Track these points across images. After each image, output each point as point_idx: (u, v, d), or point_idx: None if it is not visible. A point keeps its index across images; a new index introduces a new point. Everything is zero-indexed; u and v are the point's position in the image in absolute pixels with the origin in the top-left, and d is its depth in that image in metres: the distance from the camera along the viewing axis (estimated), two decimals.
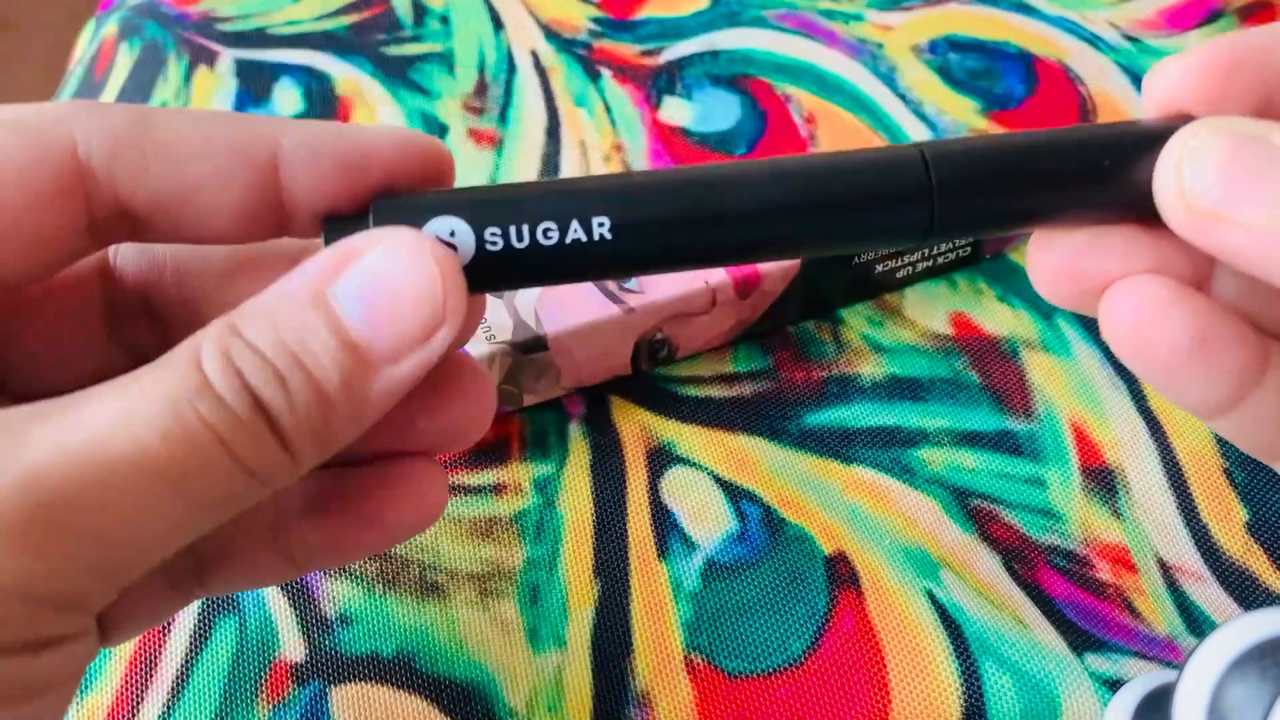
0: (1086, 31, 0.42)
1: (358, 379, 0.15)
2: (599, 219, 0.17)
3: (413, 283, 0.16)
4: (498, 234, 0.16)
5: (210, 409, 0.15)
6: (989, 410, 0.29)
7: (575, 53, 0.40)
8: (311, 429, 0.15)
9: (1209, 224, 0.16)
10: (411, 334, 0.16)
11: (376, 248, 0.16)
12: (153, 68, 0.39)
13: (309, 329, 0.15)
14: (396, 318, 0.16)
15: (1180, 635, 0.25)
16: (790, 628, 0.25)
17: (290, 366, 0.15)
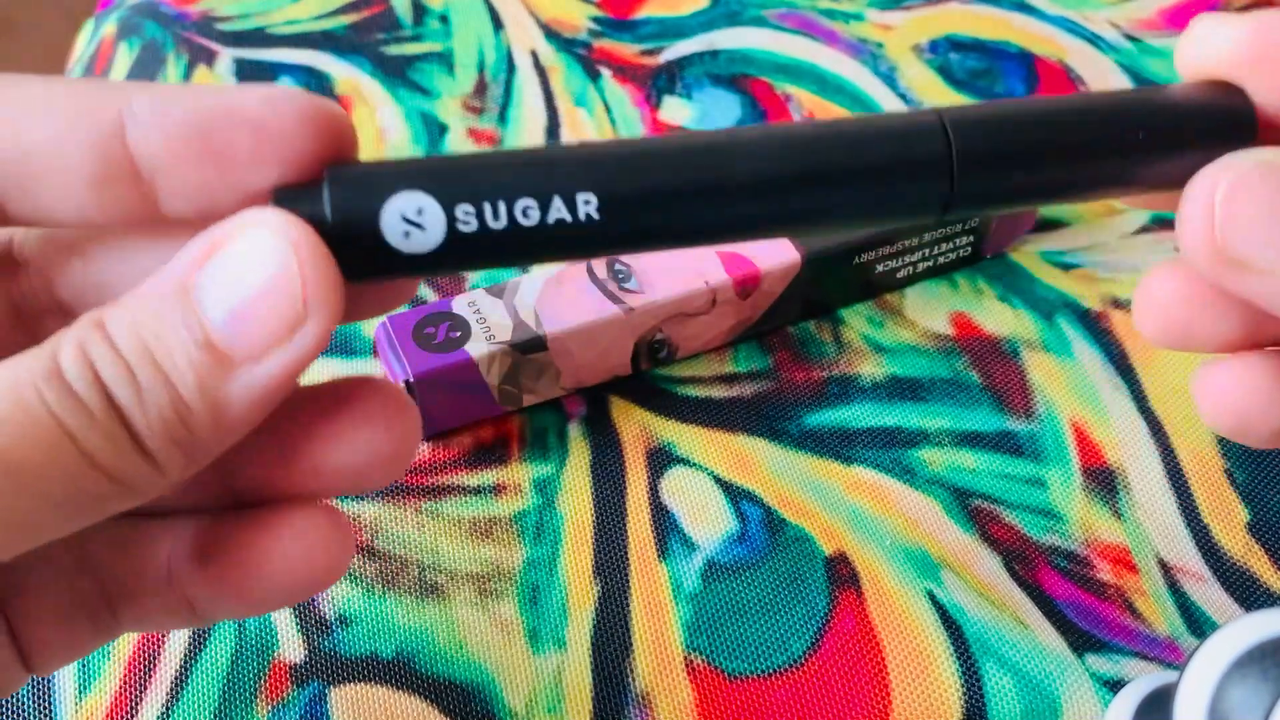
0: (1087, 31, 0.42)
1: (215, 378, 0.14)
2: (584, 195, 0.15)
3: (269, 272, 0.14)
4: (471, 213, 0.15)
5: (57, 399, 0.14)
6: (989, 410, 0.29)
7: (575, 52, 0.40)
8: (169, 433, 0.14)
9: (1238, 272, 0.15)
10: (271, 330, 0.14)
11: (239, 233, 0.14)
12: (152, 67, 0.39)
13: (167, 324, 0.14)
14: (255, 312, 0.14)
15: (1181, 636, 0.25)
16: (790, 628, 0.25)
17: (143, 363, 0.14)
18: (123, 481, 0.14)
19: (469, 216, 0.15)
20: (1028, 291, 0.32)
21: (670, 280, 0.28)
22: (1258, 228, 0.15)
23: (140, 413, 0.14)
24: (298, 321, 0.14)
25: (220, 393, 0.14)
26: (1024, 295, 0.32)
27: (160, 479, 0.15)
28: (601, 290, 0.28)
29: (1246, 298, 0.15)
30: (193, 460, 0.15)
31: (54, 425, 0.13)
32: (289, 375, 0.15)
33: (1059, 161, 0.16)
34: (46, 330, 0.17)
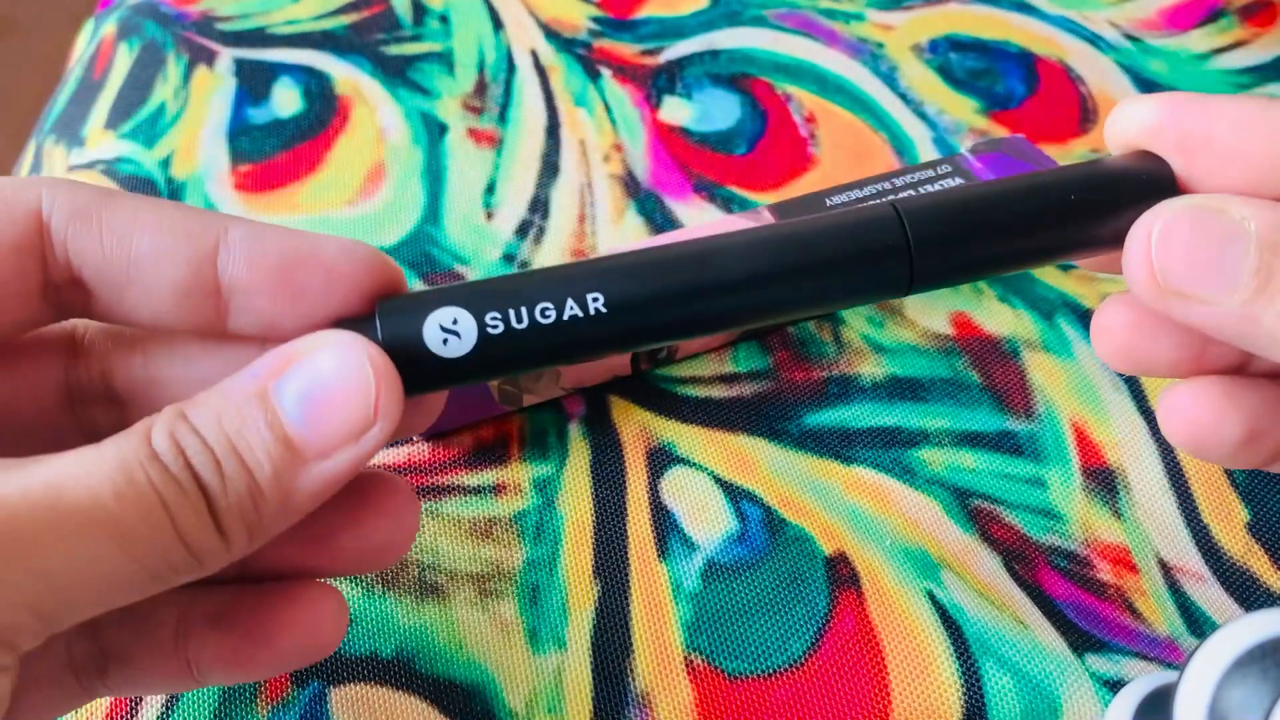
0: (1087, 31, 0.42)
1: (289, 470, 0.16)
2: (593, 295, 0.17)
3: (348, 382, 0.16)
4: (498, 318, 0.17)
5: (159, 477, 0.16)
6: (990, 410, 0.29)
7: (575, 52, 0.40)
8: (243, 515, 0.16)
9: (1178, 301, 0.17)
10: (344, 431, 0.16)
11: (320, 349, 0.17)
12: (151, 67, 0.39)
13: (248, 421, 0.16)
14: (330, 415, 0.16)
15: (1181, 636, 0.25)
16: (790, 628, 0.25)
17: (227, 453, 0.16)
18: (198, 555, 0.16)
19: (496, 321, 0.17)
20: (1028, 291, 0.32)
21: None
22: (1189, 260, 0.17)
23: (222, 494, 0.16)
24: (367, 425, 0.17)
25: (291, 483, 0.17)
26: (1024, 295, 0.32)
27: (226, 555, 0.17)
28: None
29: (1190, 325, 0.17)
30: (254, 540, 0.17)
31: (158, 501, 0.15)
32: (351, 472, 0.17)
33: (1006, 235, 0.18)
34: (95, 416, 0.20)
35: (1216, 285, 0.16)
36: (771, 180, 0.35)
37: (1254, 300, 0.16)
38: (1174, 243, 0.17)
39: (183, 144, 0.36)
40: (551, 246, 0.33)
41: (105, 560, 0.15)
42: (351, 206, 0.34)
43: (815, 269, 0.18)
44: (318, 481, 0.17)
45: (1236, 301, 0.16)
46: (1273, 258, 0.16)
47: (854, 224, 0.18)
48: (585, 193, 0.35)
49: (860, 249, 0.18)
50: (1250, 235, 0.16)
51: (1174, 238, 0.17)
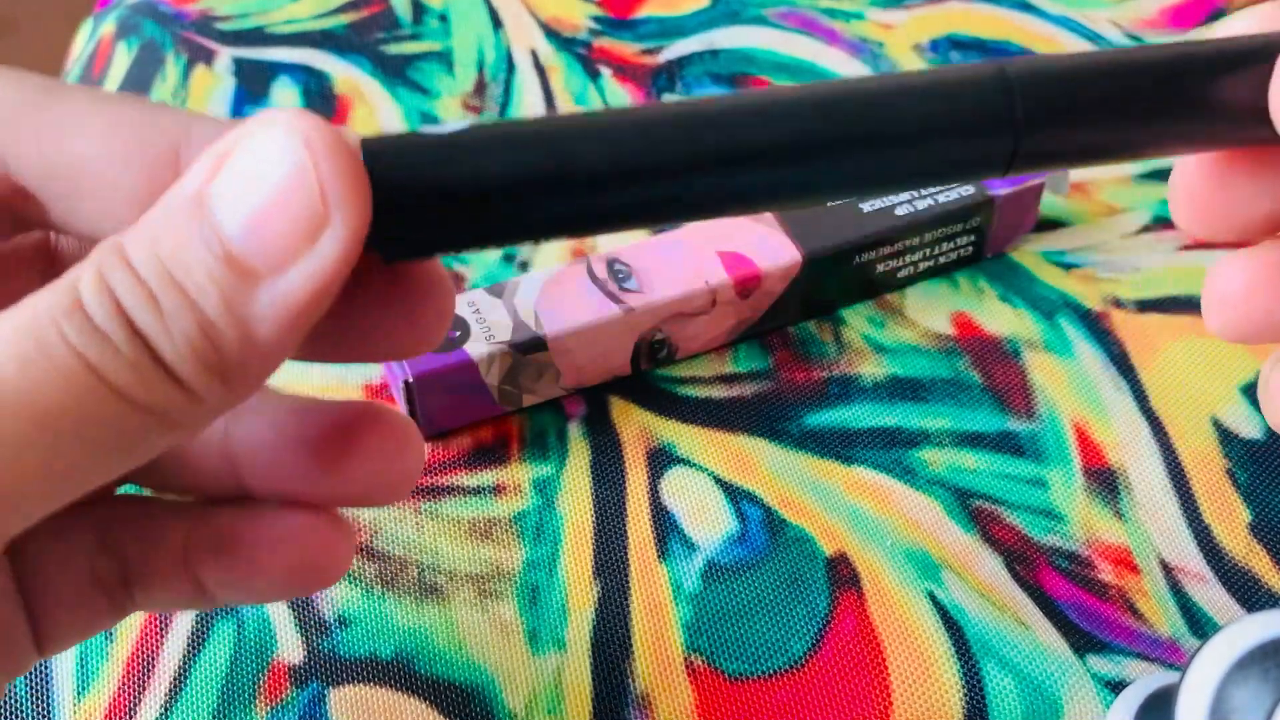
0: (1088, 30, 0.42)
1: (239, 295, 0.13)
2: None
3: (285, 172, 0.13)
4: None
5: (78, 334, 0.13)
6: (990, 411, 0.29)
7: (575, 51, 0.40)
8: (200, 357, 0.13)
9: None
10: (292, 235, 0.13)
11: (254, 135, 0.13)
12: (150, 66, 0.39)
13: (184, 240, 0.13)
14: (273, 218, 0.13)
15: (1182, 636, 0.25)
16: (791, 629, 0.25)
17: (164, 285, 0.13)
18: (158, 413, 0.14)
19: None
20: (1029, 291, 0.32)
21: (670, 280, 0.28)
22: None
23: (166, 338, 0.13)
24: (319, 224, 0.13)
25: (247, 310, 0.13)
26: (1025, 295, 0.32)
27: (199, 407, 0.14)
28: (601, 290, 0.28)
29: None
30: (231, 387, 0.14)
31: (78, 363, 0.13)
32: (318, 288, 0.13)
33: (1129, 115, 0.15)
34: None
35: None
36: None
37: None
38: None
39: None
40: (551, 246, 0.33)
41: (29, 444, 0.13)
42: None
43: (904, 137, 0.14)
44: (280, 305, 0.13)
45: None
46: None
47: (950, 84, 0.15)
48: None
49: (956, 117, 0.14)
50: None
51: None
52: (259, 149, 0.13)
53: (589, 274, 0.28)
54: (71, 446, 0.13)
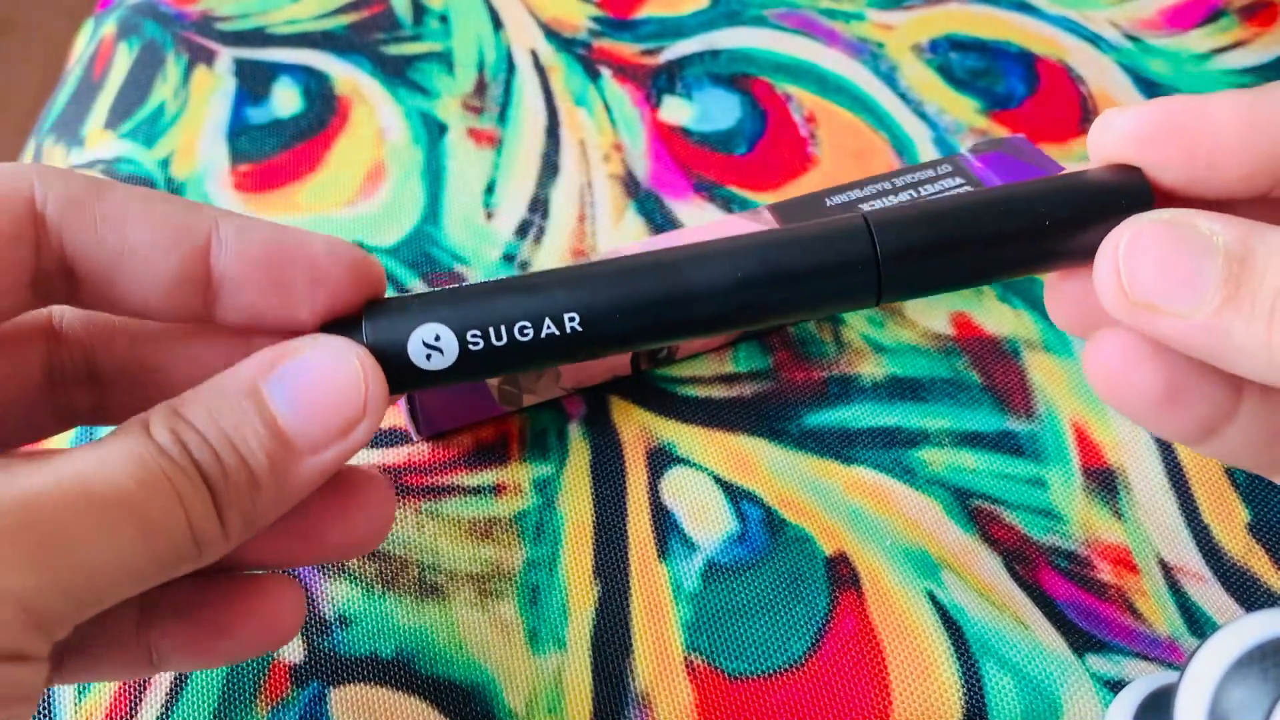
0: (1087, 31, 0.42)
1: (283, 464, 0.17)
2: (569, 314, 0.18)
3: (339, 380, 0.17)
4: (478, 335, 0.18)
5: (171, 468, 0.16)
6: (990, 411, 0.29)
7: (575, 52, 0.40)
8: (240, 506, 0.17)
9: (1148, 315, 0.17)
10: (335, 426, 0.17)
11: (311, 348, 0.18)
12: (151, 67, 0.39)
13: (243, 417, 0.17)
14: (323, 411, 0.17)
15: (1181, 636, 0.25)
16: (791, 629, 0.25)
17: (225, 448, 0.17)
18: (201, 544, 0.17)
19: (477, 339, 0.18)
20: (1028, 291, 0.32)
21: None
22: (1157, 272, 0.17)
23: (223, 485, 0.17)
24: (357, 420, 0.18)
25: (286, 475, 0.17)
26: (1024, 295, 0.32)
27: (224, 545, 0.17)
28: None
29: (1159, 339, 0.17)
30: (248, 530, 0.17)
31: (173, 490, 0.16)
32: (340, 465, 0.18)
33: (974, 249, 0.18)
34: (75, 398, 0.20)
35: (1184, 297, 0.16)
36: (772, 180, 0.35)
37: (1222, 311, 0.16)
38: (1142, 255, 0.17)
39: (182, 144, 0.36)
40: (551, 246, 0.33)
41: (128, 548, 0.16)
42: (351, 206, 0.34)
43: (785, 279, 0.18)
44: (310, 474, 0.18)
45: (1205, 313, 0.16)
46: (1240, 269, 0.16)
47: (824, 235, 0.18)
48: (585, 193, 0.35)
49: (830, 260, 0.18)
50: (1218, 248, 0.16)
51: (1142, 250, 0.17)
52: (320, 357, 0.18)
53: None
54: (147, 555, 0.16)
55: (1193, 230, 0.16)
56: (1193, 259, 0.16)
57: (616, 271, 0.18)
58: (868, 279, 0.18)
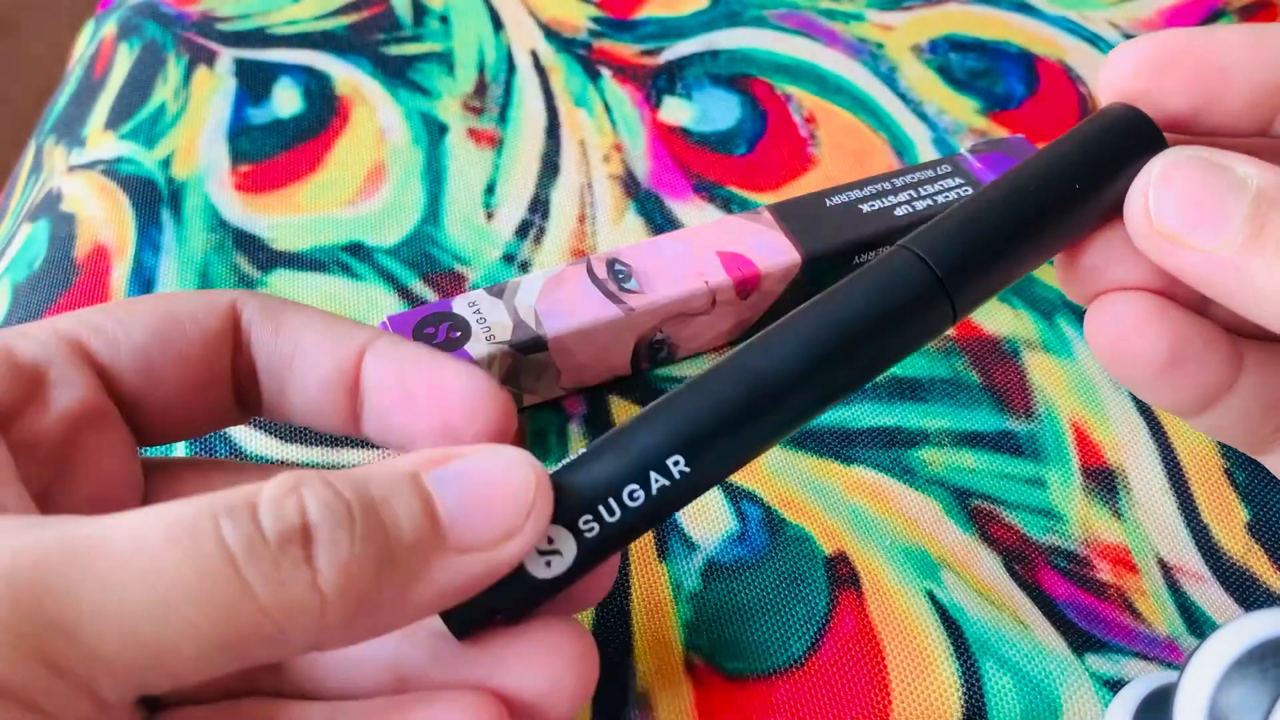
0: (1087, 31, 0.42)
1: (429, 549, 0.15)
2: (673, 459, 0.17)
3: (509, 483, 0.16)
4: (590, 520, 0.17)
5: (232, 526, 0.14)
6: (989, 410, 0.29)
7: (575, 52, 0.40)
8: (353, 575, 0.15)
9: (1169, 246, 0.17)
10: (494, 529, 0.16)
11: (484, 451, 0.17)
12: (152, 67, 0.39)
13: (399, 492, 0.15)
14: (486, 509, 0.16)
15: (1181, 636, 0.25)
16: (790, 628, 0.25)
17: (364, 509, 0.15)
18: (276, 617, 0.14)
19: (590, 523, 0.17)
20: (1027, 291, 0.32)
21: (670, 280, 0.28)
22: (1185, 204, 0.17)
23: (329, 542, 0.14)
24: (514, 530, 0.16)
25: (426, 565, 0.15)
26: (1024, 295, 0.32)
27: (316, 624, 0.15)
28: (601, 290, 0.28)
29: (1178, 274, 0.17)
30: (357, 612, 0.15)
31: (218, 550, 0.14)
32: (482, 577, 0.16)
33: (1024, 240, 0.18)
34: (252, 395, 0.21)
35: (1209, 231, 0.16)
36: (771, 180, 0.35)
37: (1244, 249, 0.16)
38: (1172, 186, 0.17)
39: (183, 144, 0.36)
40: (551, 247, 0.33)
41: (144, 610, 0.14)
42: (351, 206, 0.34)
43: (865, 344, 0.18)
44: (451, 576, 0.16)
45: (1227, 249, 0.16)
46: (1268, 211, 0.16)
47: (882, 283, 0.18)
48: (585, 193, 0.35)
49: (899, 307, 0.18)
50: (1249, 188, 0.16)
51: (1173, 181, 0.17)
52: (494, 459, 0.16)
53: (589, 274, 0.28)
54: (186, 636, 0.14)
55: (1226, 168, 0.17)
56: (1221, 195, 0.16)
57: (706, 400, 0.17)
58: (939, 306, 0.18)
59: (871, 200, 0.31)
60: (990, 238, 0.18)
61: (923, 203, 0.31)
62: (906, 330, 0.18)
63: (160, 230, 0.33)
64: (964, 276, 0.18)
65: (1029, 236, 0.18)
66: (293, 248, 0.33)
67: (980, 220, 0.18)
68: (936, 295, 0.18)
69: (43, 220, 0.34)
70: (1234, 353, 0.18)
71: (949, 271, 0.18)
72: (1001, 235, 0.18)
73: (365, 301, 0.31)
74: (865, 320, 0.18)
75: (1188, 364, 0.18)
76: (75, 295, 0.31)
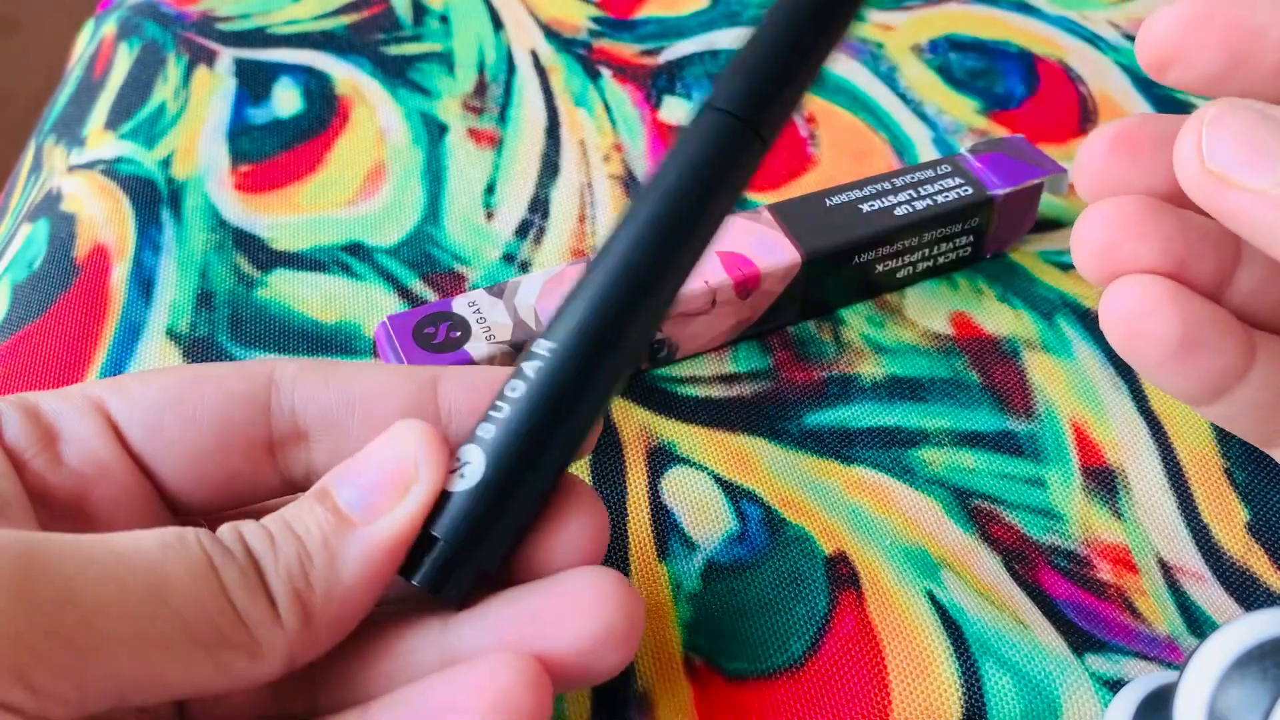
0: (1087, 31, 0.42)
1: (335, 536, 0.17)
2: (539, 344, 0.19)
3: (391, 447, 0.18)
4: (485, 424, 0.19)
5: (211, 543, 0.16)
6: (989, 410, 0.29)
7: (575, 52, 0.40)
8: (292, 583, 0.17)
9: (1219, 188, 0.17)
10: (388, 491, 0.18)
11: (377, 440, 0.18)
12: (152, 67, 0.39)
13: (305, 507, 0.18)
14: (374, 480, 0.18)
15: (1181, 635, 0.25)
16: (790, 628, 0.25)
17: (281, 529, 0.17)
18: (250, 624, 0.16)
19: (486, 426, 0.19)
20: (1027, 291, 0.32)
21: None
22: (1236, 145, 0.17)
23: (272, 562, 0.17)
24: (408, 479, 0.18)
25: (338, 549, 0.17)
26: (1024, 295, 0.32)
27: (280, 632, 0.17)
28: None
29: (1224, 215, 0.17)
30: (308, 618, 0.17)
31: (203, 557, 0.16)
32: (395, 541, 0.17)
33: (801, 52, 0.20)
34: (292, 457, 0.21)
35: (1257, 171, 0.17)
36: (771, 180, 0.35)
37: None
38: (1225, 128, 0.17)
39: (183, 144, 0.36)
40: (551, 247, 0.33)
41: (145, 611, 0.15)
42: (351, 206, 0.34)
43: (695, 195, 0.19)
44: (367, 546, 0.17)
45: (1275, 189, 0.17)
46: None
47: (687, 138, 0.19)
48: (585, 193, 0.35)
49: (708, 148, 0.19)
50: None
51: (1226, 124, 0.17)
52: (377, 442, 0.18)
53: None
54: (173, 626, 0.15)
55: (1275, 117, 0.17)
56: (1272, 139, 0.17)
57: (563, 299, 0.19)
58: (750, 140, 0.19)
59: (871, 200, 0.31)
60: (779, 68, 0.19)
61: (923, 202, 0.31)
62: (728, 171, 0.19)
63: (160, 230, 0.33)
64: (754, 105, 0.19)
65: None
66: (292, 247, 0.33)
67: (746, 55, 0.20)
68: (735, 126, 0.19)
69: (42, 220, 0.34)
70: (1247, 341, 0.18)
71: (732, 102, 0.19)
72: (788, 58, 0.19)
73: (365, 301, 0.31)
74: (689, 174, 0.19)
75: (1200, 349, 0.18)
76: (75, 295, 0.31)
